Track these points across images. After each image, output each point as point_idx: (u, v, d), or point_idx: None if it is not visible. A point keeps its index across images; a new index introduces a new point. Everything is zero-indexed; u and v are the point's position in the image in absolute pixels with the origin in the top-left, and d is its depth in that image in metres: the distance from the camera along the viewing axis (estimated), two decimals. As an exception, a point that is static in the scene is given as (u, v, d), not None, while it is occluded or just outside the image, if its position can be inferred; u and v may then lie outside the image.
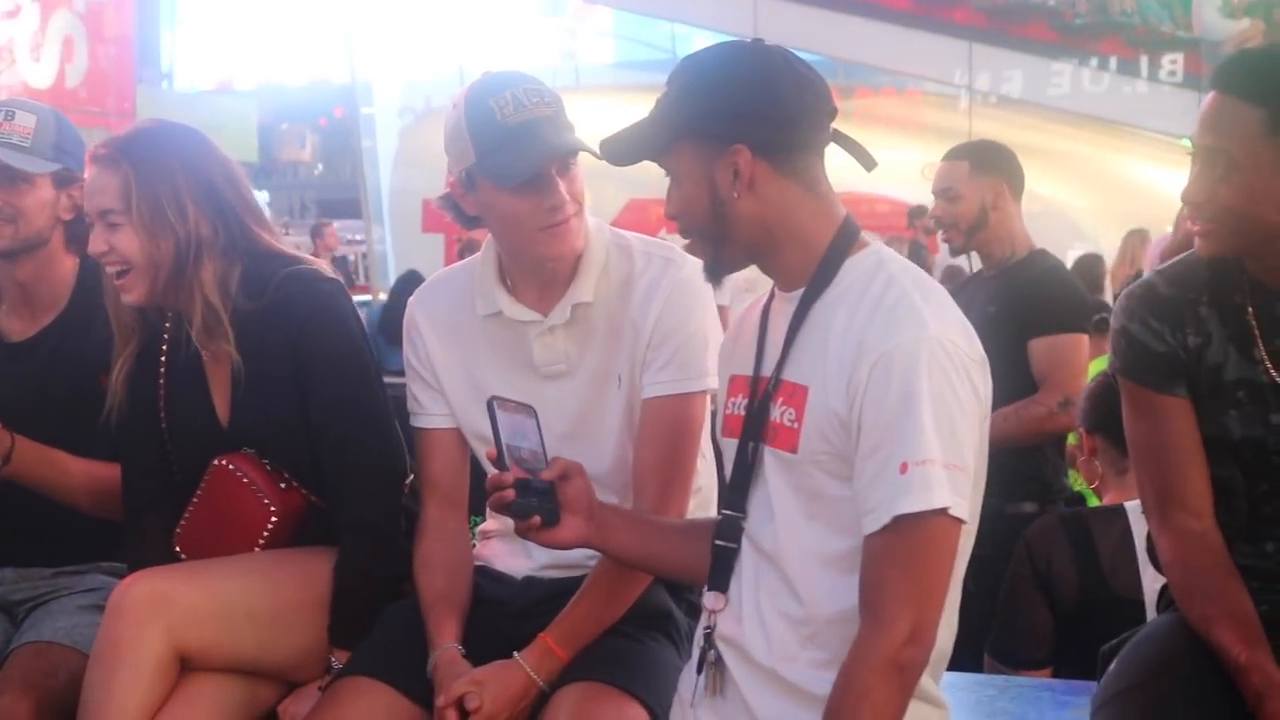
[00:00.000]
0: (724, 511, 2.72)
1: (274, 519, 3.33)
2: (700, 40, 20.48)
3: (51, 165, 3.65)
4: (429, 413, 3.32)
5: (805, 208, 2.63)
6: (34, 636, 3.54)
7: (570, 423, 3.19)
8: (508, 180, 3.04)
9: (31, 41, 12.85)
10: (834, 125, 2.67)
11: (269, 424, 3.34)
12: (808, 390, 2.58)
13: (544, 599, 3.21)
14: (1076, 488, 6.91)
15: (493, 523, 3.39)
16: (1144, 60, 17.81)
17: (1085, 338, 5.35)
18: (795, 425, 2.59)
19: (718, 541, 2.73)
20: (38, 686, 3.37)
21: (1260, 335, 2.82)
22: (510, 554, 3.33)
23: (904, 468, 2.46)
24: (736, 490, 2.70)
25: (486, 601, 3.27)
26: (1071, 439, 5.44)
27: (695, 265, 3.15)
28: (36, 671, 3.41)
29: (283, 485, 3.35)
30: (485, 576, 3.31)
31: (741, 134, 2.58)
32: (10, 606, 3.70)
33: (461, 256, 15.85)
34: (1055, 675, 3.98)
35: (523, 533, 2.82)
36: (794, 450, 2.60)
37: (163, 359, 3.43)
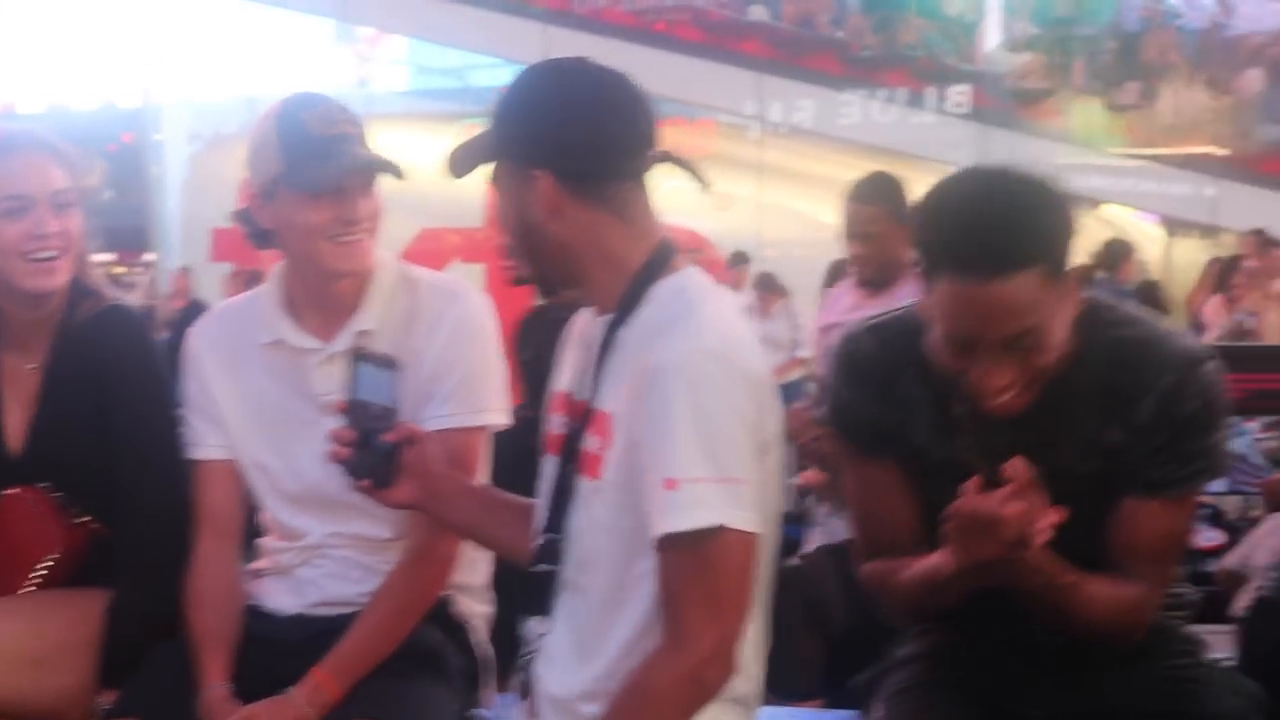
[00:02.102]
0: (544, 534, 2.72)
1: (53, 555, 3.30)
2: (492, 70, 20.51)
3: None
4: (206, 444, 3.30)
5: (614, 234, 2.63)
6: None
7: None
8: (313, 187, 3.07)
9: None
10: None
11: (63, 453, 3.32)
12: (611, 417, 2.59)
13: (314, 636, 3.19)
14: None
15: (263, 560, 3.38)
16: (931, 92, 18.14)
17: None
18: (601, 453, 2.60)
19: (539, 566, 2.72)
20: None
21: (965, 423, 2.74)
22: (280, 592, 3.31)
23: (671, 484, 2.46)
24: (555, 513, 2.70)
25: (257, 640, 3.25)
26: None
27: (480, 300, 3.18)
28: None
29: (69, 521, 3.31)
30: (254, 615, 3.29)
31: (545, 161, 2.59)
32: None
33: (248, 287, 15.71)
34: (826, 705, 4.04)
35: (355, 488, 2.84)
36: (598, 477, 2.61)
37: None
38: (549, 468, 2.76)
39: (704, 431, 2.46)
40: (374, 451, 2.80)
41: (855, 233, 5.47)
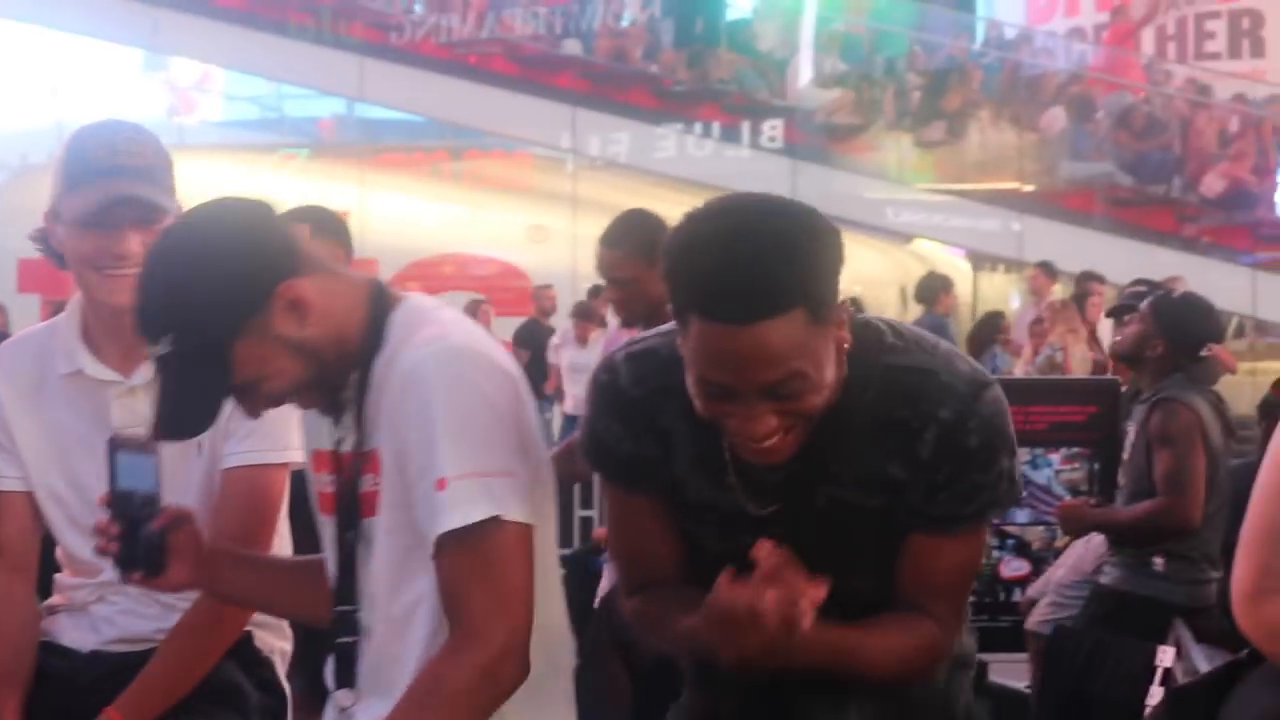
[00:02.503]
0: (337, 608, 2.66)
1: None
2: (307, 101, 20.41)
3: None
4: (2, 474, 3.23)
5: (321, 321, 2.53)
6: None
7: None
8: (74, 216, 3.05)
9: None
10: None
11: None
12: (379, 450, 2.56)
13: (110, 673, 3.13)
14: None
15: (58, 597, 3.32)
16: (745, 127, 18.33)
17: None
18: (376, 488, 2.57)
19: (338, 639, 2.67)
20: None
21: (732, 460, 2.51)
22: (75, 628, 3.25)
23: (441, 484, 2.42)
24: (345, 578, 2.65)
25: (52, 677, 3.18)
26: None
27: None
28: None
29: None
30: (50, 651, 3.22)
31: (215, 328, 2.48)
32: None
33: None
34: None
35: (127, 581, 2.77)
36: (374, 513, 2.58)
37: None
38: (328, 530, 2.70)
39: (464, 428, 2.44)
40: (142, 541, 2.71)
41: (607, 277, 5.47)
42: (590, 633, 4.21)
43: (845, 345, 2.41)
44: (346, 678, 2.68)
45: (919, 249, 19.02)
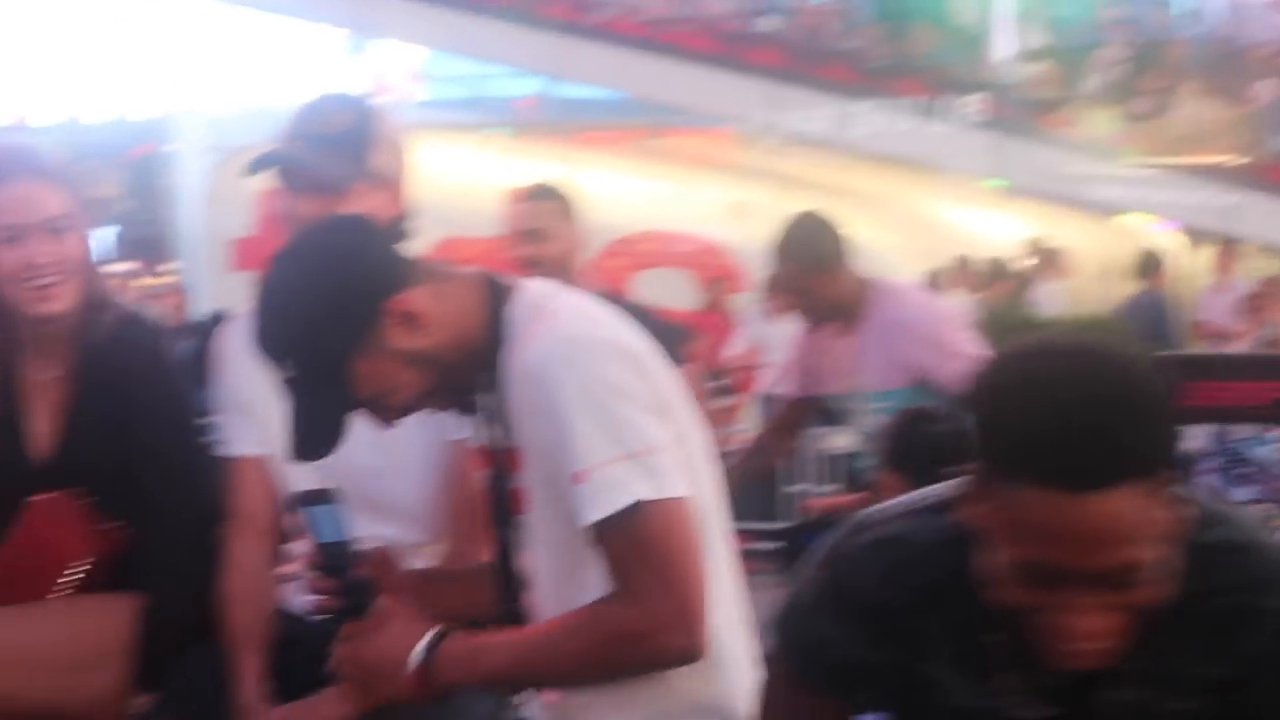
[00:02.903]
0: (502, 603, 2.69)
1: (82, 561, 3.32)
2: (506, 80, 20.56)
3: None
4: (241, 440, 3.33)
5: (438, 328, 2.54)
6: None
7: (376, 456, 3.19)
8: (289, 183, 3.17)
9: None
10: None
11: (90, 463, 3.34)
12: (519, 449, 2.56)
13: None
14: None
15: (293, 564, 3.39)
16: (944, 102, 18.15)
17: None
18: (525, 484, 2.57)
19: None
20: None
21: (1014, 658, 2.11)
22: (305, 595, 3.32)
23: (580, 476, 2.40)
24: (506, 579, 2.67)
25: (289, 641, 3.26)
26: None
27: None
28: None
29: (98, 528, 3.33)
30: (286, 618, 3.31)
31: (341, 342, 2.51)
32: None
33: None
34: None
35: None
36: (529, 510, 2.58)
37: None
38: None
39: (594, 414, 2.40)
40: (355, 589, 2.74)
41: (781, 287, 5.53)
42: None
43: (1177, 524, 2.00)
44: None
45: (1126, 224, 18.73)
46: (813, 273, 5.37)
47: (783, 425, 6.06)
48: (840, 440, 9.02)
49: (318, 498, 2.74)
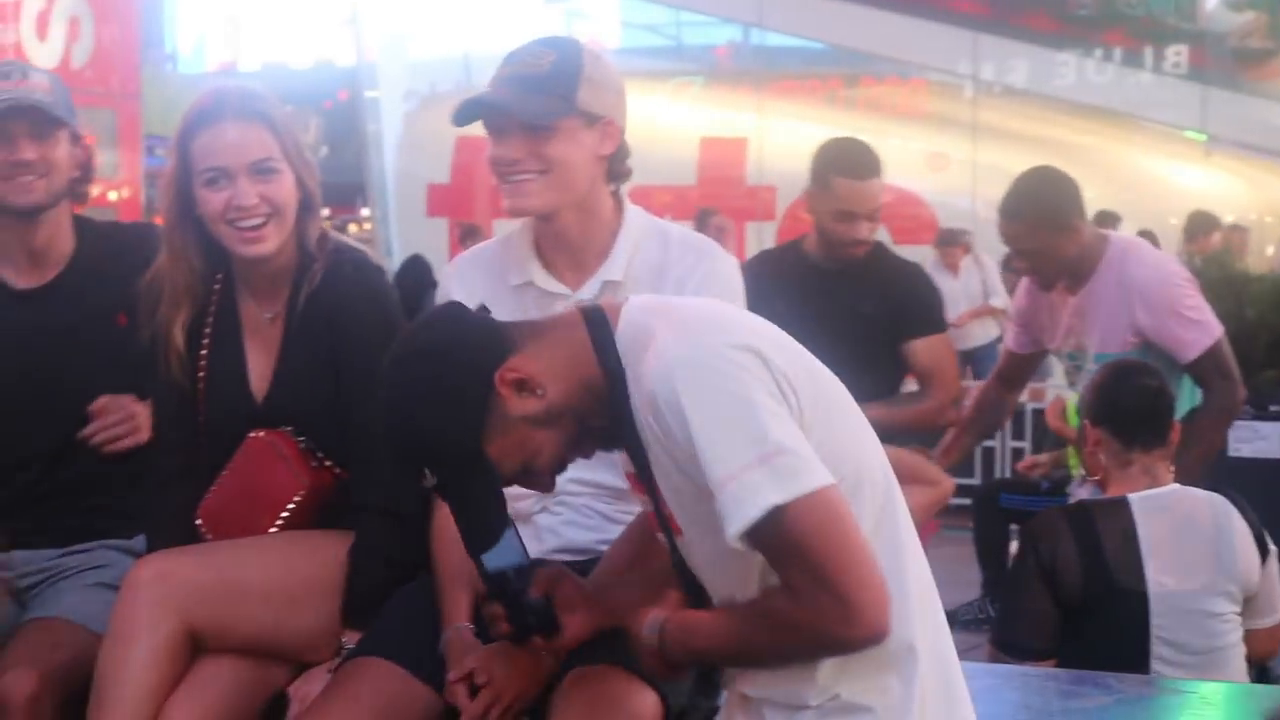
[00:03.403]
0: (687, 600, 2.69)
1: (299, 495, 3.37)
2: (704, 28, 20.49)
3: (72, 121, 3.74)
4: None
5: (555, 382, 2.58)
6: (41, 613, 3.58)
7: None
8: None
9: (37, 21, 12.85)
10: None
11: (305, 400, 3.40)
12: (657, 478, 2.57)
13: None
14: (1074, 472, 6.97)
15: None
16: (1148, 52, 17.78)
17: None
18: (670, 510, 2.59)
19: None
20: (43, 660, 3.39)
21: None
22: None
23: (720, 488, 2.40)
24: (683, 576, 2.69)
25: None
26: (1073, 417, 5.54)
27: (732, 261, 3.18)
28: (42, 645, 3.44)
29: (314, 464, 3.39)
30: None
31: (460, 448, 2.57)
32: (19, 592, 3.72)
33: (463, 242, 15.84)
34: (1059, 666, 4.01)
35: (522, 644, 2.86)
36: (680, 534, 2.60)
37: (207, 329, 3.47)
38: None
39: (718, 428, 2.40)
40: (529, 610, 2.78)
41: (1012, 248, 5.41)
42: (1016, 560, 4.17)
43: None
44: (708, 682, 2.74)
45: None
46: (1047, 230, 5.22)
47: (1006, 379, 5.93)
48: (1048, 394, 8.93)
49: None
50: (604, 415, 2.60)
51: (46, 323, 3.74)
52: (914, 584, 2.60)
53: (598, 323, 2.61)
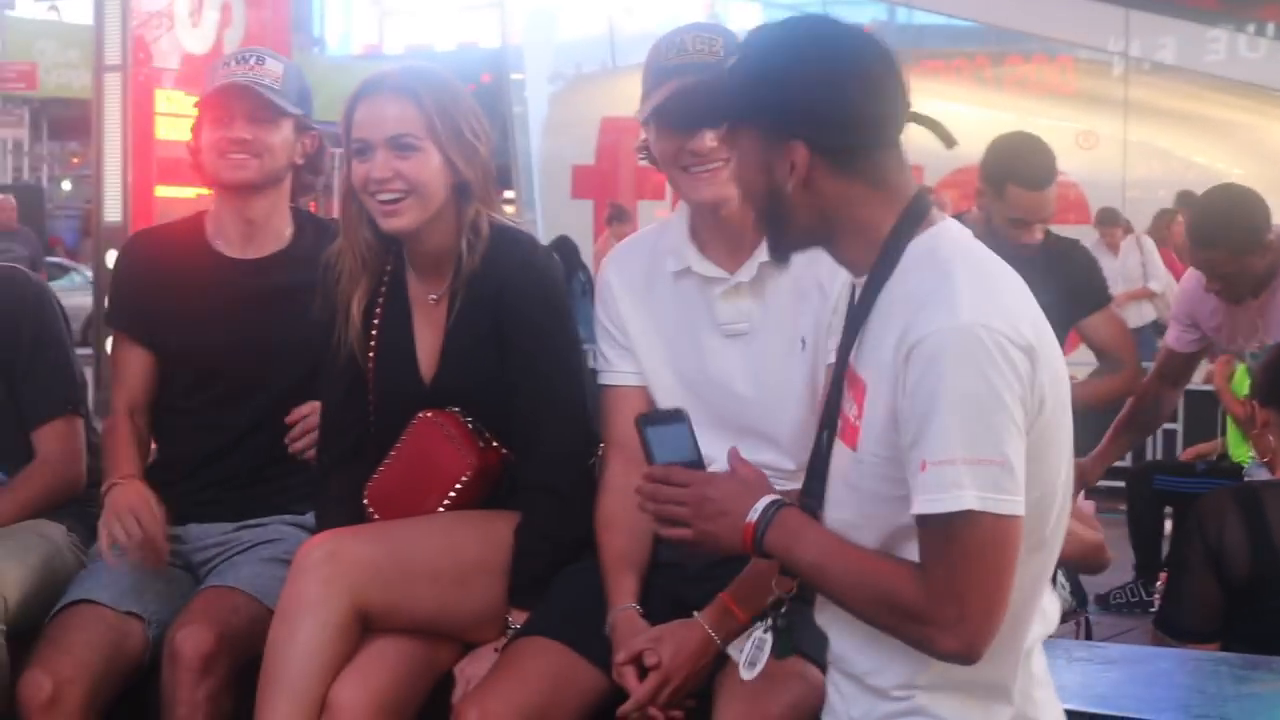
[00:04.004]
0: (804, 498, 2.67)
1: (467, 475, 3.39)
2: (851, 5, 20.37)
3: (296, 110, 3.83)
4: (617, 370, 3.37)
5: (866, 202, 2.55)
6: (218, 582, 3.65)
7: (751, 384, 3.23)
8: (653, 117, 3.17)
9: (190, 6, 13.02)
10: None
11: (472, 380, 3.42)
12: (866, 385, 2.54)
13: (720, 562, 3.17)
14: (1236, 458, 6.87)
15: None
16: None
17: None
18: (858, 422, 2.55)
19: None
20: (221, 621, 3.46)
21: None
22: (685, 518, 3.35)
23: (923, 466, 2.39)
24: (813, 478, 2.66)
25: (662, 565, 3.29)
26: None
27: None
28: (221, 608, 3.51)
29: (482, 444, 3.41)
30: (660, 540, 3.32)
31: (800, 132, 2.51)
32: (194, 566, 3.79)
33: (609, 223, 15.89)
34: (1223, 649, 3.96)
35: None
36: (854, 448, 2.56)
37: (379, 309, 3.50)
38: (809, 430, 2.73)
39: (963, 413, 2.38)
40: None
41: (1207, 273, 5.30)
42: (1182, 541, 4.11)
43: None
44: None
45: None
46: (1245, 254, 5.16)
47: (1166, 377, 5.83)
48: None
49: (662, 419, 2.75)
50: (851, 252, 2.60)
51: (256, 294, 3.81)
52: (1034, 629, 2.61)
53: (914, 215, 2.56)
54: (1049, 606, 2.66)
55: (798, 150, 2.51)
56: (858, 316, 2.59)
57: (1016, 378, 2.41)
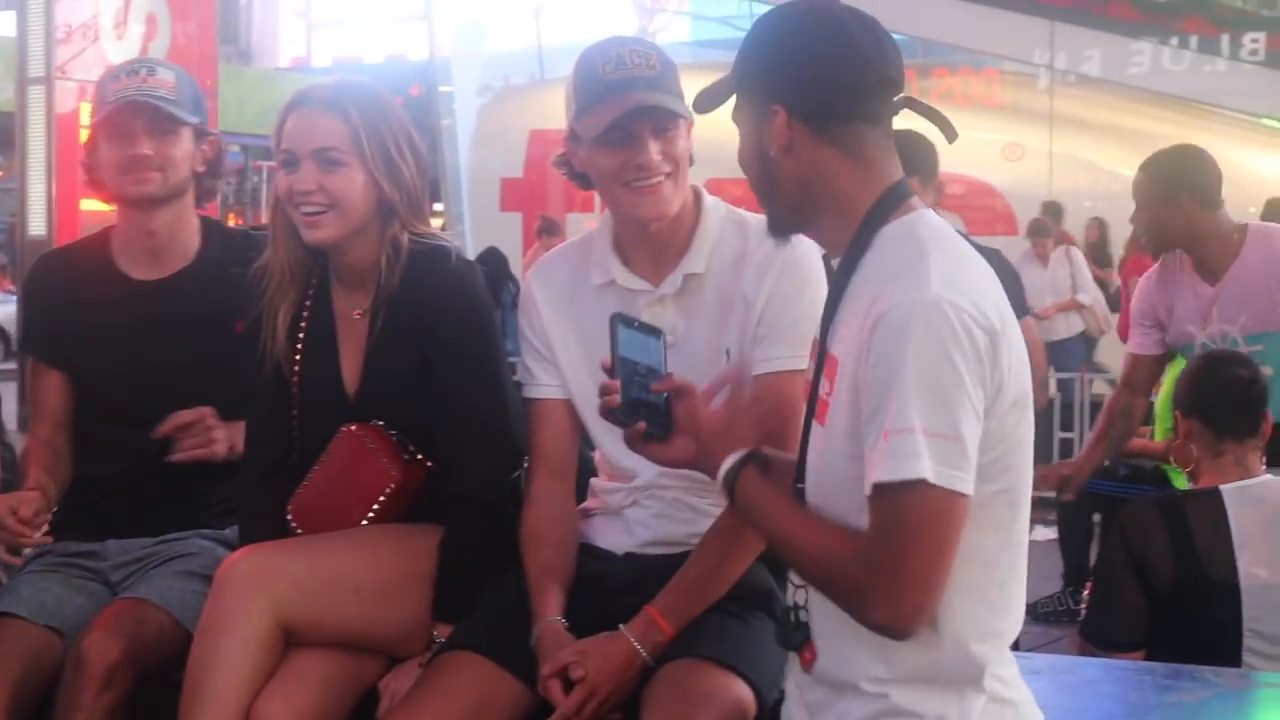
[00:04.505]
0: (795, 484, 2.68)
1: (390, 488, 3.37)
2: (778, 19, 20.40)
3: (193, 119, 3.79)
4: (541, 383, 3.36)
5: (844, 175, 2.60)
6: (129, 594, 3.61)
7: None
8: (593, 132, 3.12)
9: (115, 19, 12.94)
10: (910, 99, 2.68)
11: (396, 394, 3.40)
12: (839, 362, 2.56)
13: (645, 575, 3.21)
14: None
15: (592, 500, 3.41)
16: (1225, 39, 17.63)
17: None
18: (828, 398, 2.57)
19: None
20: (129, 633, 3.42)
21: None
22: (611, 531, 3.35)
23: (885, 435, 2.41)
24: (800, 463, 2.68)
25: (587, 578, 3.28)
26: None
27: (810, 245, 3.16)
28: (129, 619, 3.47)
29: (406, 457, 3.39)
30: (586, 553, 3.33)
31: (780, 95, 2.59)
32: (112, 583, 3.75)
33: (539, 235, 15.86)
34: (1148, 658, 3.98)
35: (630, 443, 2.76)
36: (823, 423, 2.58)
37: (304, 322, 3.48)
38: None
39: (925, 384, 2.40)
40: (645, 406, 2.72)
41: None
42: (1106, 551, 4.13)
43: None
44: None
45: None
46: (1160, 197, 5.29)
47: (1132, 385, 5.86)
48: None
49: (635, 323, 2.77)
50: (831, 231, 2.65)
51: (162, 317, 3.78)
52: (1012, 620, 2.62)
53: (889, 202, 2.60)
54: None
55: (778, 115, 2.59)
56: (833, 297, 2.63)
57: (976, 357, 2.44)
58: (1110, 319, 13.00)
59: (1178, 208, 5.27)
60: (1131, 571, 4.06)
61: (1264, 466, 4.25)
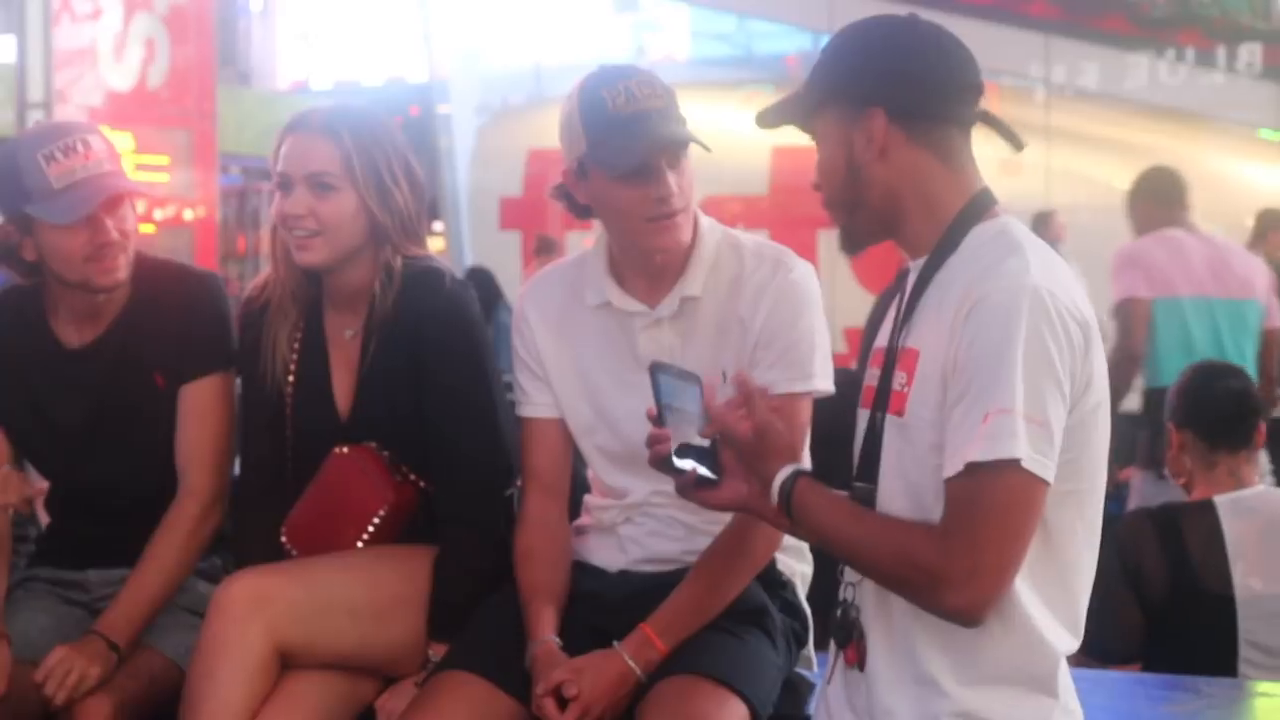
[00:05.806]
0: (855, 484, 2.71)
1: (383, 510, 3.38)
2: (772, 38, 20.46)
3: (132, 182, 3.66)
4: (534, 402, 3.36)
5: (937, 178, 2.64)
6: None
7: None
8: (616, 169, 3.11)
9: (114, 43, 12.98)
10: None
11: (388, 415, 3.41)
12: (918, 353, 2.59)
13: (639, 593, 3.22)
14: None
15: (586, 517, 3.42)
16: (1221, 51, 17.64)
17: None
18: (905, 389, 2.60)
19: None
20: (119, 689, 3.42)
21: None
22: (604, 548, 3.36)
23: (985, 418, 2.44)
24: (865, 461, 2.69)
25: (581, 595, 3.29)
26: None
27: (806, 268, 3.18)
28: (118, 673, 3.45)
29: (398, 478, 3.40)
30: (579, 570, 3.34)
31: (879, 97, 2.62)
32: (97, 613, 3.67)
33: (537, 254, 15.88)
34: (1144, 670, 3.99)
35: (683, 491, 2.76)
36: (901, 414, 2.61)
37: (297, 344, 3.49)
38: (862, 422, 2.74)
39: (1029, 368, 2.44)
40: (693, 451, 2.72)
41: None
42: (1101, 564, 4.12)
43: None
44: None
45: None
46: None
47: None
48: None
49: (672, 370, 2.77)
50: (918, 231, 2.67)
51: (88, 382, 3.62)
52: (1071, 628, 2.67)
53: (979, 205, 2.65)
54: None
55: (876, 117, 2.62)
56: (914, 295, 2.65)
57: (1070, 347, 2.49)
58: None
59: None
60: (1126, 584, 4.07)
61: (1259, 477, 4.26)
